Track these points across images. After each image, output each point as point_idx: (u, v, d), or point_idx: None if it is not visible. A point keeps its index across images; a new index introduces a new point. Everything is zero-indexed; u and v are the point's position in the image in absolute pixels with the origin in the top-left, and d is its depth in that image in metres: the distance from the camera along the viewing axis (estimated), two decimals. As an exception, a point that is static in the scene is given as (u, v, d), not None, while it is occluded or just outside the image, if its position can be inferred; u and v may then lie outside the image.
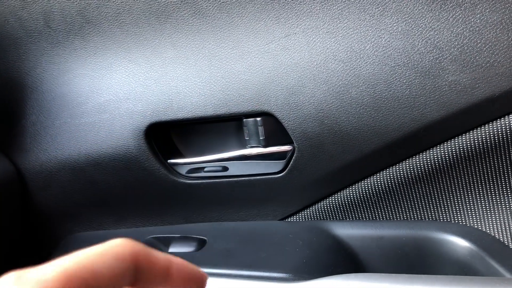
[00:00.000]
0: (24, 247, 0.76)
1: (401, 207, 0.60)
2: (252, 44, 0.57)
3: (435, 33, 0.50)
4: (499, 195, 0.56)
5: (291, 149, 0.59)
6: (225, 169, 0.63)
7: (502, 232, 0.57)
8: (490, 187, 0.56)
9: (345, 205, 0.62)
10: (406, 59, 0.51)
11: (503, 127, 0.51)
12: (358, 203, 0.61)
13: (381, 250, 0.60)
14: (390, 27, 0.51)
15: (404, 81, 0.51)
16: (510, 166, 0.54)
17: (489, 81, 0.48)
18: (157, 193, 0.67)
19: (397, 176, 0.57)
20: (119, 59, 0.63)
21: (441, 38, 0.49)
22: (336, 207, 0.63)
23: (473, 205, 0.58)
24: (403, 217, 0.61)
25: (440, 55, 0.50)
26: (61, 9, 0.63)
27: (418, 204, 0.60)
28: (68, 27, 0.64)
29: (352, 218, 0.63)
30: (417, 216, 0.61)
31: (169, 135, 0.67)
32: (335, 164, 0.57)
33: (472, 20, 0.48)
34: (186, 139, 0.68)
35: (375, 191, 0.59)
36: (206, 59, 0.59)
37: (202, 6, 0.58)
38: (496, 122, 0.51)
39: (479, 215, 0.58)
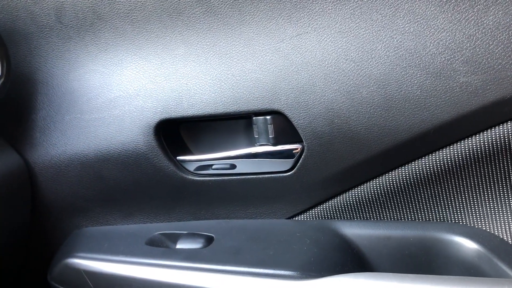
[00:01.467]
0: (33, 241, 0.76)
1: (409, 207, 0.61)
2: (263, 42, 0.57)
3: (447, 34, 0.50)
4: (508, 197, 0.56)
5: (300, 148, 0.59)
6: (233, 167, 0.64)
7: (510, 234, 0.57)
8: (498, 189, 0.56)
9: (353, 204, 0.62)
10: (417, 60, 0.51)
11: (514, 130, 0.51)
12: (366, 203, 0.62)
13: (388, 250, 0.60)
14: (402, 27, 0.51)
15: (415, 82, 0.51)
16: (520, 169, 0.54)
17: (501, 83, 0.48)
18: (165, 190, 0.67)
19: (405, 176, 0.58)
20: (130, 55, 0.64)
21: (453, 40, 0.49)
22: (344, 207, 0.63)
23: (481, 206, 0.58)
24: (411, 218, 0.61)
25: (452, 56, 0.50)
26: (73, 5, 0.64)
27: (426, 205, 0.60)
28: (79, 22, 0.64)
29: (360, 217, 0.63)
30: (425, 217, 0.61)
31: (178, 132, 0.68)
32: (344, 164, 0.58)
33: (485, 22, 0.48)
34: (195, 136, 0.68)
35: (384, 191, 0.60)
36: (217, 57, 0.59)
37: (214, 4, 0.58)
38: (507, 124, 0.51)
39: (487, 216, 0.58)
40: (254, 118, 0.60)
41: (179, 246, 0.64)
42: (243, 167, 0.63)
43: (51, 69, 0.67)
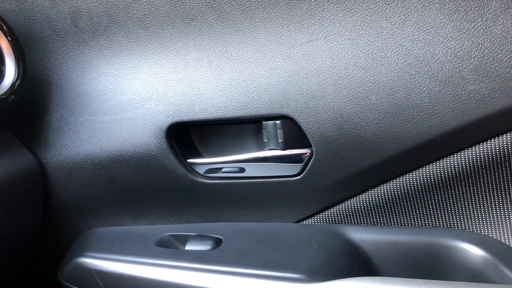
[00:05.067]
0: (45, 240, 0.78)
1: (416, 213, 0.61)
2: (274, 48, 0.58)
3: (456, 42, 0.50)
4: (515, 205, 0.57)
5: (309, 153, 0.60)
6: (243, 170, 0.64)
7: (516, 242, 0.58)
8: (505, 196, 0.56)
9: (361, 209, 0.63)
10: (426, 67, 0.51)
11: (521, 138, 0.51)
12: (374, 208, 0.62)
13: (395, 255, 0.60)
14: (411, 35, 0.52)
15: (424, 89, 0.52)
16: (527, 177, 0.54)
17: (509, 91, 0.49)
18: (175, 192, 0.68)
19: (413, 182, 0.58)
20: (143, 59, 0.65)
21: (462, 48, 0.50)
22: (352, 212, 0.63)
23: (488, 213, 0.58)
24: (418, 224, 0.62)
25: (460, 64, 0.50)
26: (88, 9, 0.65)
27: (433, 211, 0.60)
28: (94, 26, 0.66)
29: (367, 222, 0.64)
30: (431, 223, 0.61)
31: (189, 135, 0.69)
32: (352, 169, 0.58)
33: (493, 31, 0.49)
34: (205, 140, 0.69)
35: (391, 197, 0.60)
36: (228, 62, 0.60)
37: (226, 10, 0.59)
38: (514, 132, 0.51)
39: (494, 223, 0.58)
40: (263, 122, 0.61)
41: (188, 247, 0.65)
42: (252, 170, 0.64)
43: (66, 71, 0.69)
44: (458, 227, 0.60)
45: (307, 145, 0.60)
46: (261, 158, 0.63)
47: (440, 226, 0.61)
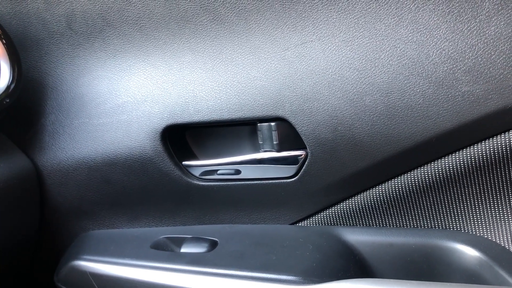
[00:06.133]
0: (40, 243, 0.78)
1: (411, 215, 0.61)
2: (268, 50, 0.58)
3: (450, 44, 0.50)
4: (509, 205, 0.57)
5: (304, 154, 0.60)
6: (238, 172, 0.64)
7: (511, 242, 0.57)
8: (500, 197, 0.56)
9: (356, 211, 0.63)
10: (420, 69, 0.51)
11: (515, 139, 0.51)
12: (369, 210, 0.62)
13: (390, 257, 0.60)
14: (405, 37, 0.52)
15: (418, 90, 0.52)
16: (521, 177, 0.54)
17: (502, 92, 0.49)
18: (171, 194, 0.68)
19: (408, 184, 0.58)
20: (138, 62, 0.65)
21: (456, 49, 0.50)
22: (347, 213, 0.63)
23: (483, 214, 0.58)
24: (413, 225, 0.62)
25: (454, 65, 0.50)
26: (83, 12, 0.65)
27: (428, 212, 0.60)
28: (89, 29, 0.66)
29: (363, 224, 0.64)
30: (427, 224, 0.61)
31: (184, 138, 0.69)
32: (347, 171, 0.58)
33: (487, 32, 0.49)
34: (200, 142, 0.69)
35: (386, 198, 0.60)
36: (223, 64, 0.60)
37: (221, 12, 0.59)
38: (508, 133, 0.51)
39: (489, 224, 0.58)
40: (258, 124, 0.61)
41: (183, 250, 0.65)
42: (247, 172, 0.64)
43: (61, 74, 0.68)
44: (453, 228, 0.60)
45: (302, 146, 0.60)
46: (256, 160, 0.63)
47: (435, 227, 0.61)
